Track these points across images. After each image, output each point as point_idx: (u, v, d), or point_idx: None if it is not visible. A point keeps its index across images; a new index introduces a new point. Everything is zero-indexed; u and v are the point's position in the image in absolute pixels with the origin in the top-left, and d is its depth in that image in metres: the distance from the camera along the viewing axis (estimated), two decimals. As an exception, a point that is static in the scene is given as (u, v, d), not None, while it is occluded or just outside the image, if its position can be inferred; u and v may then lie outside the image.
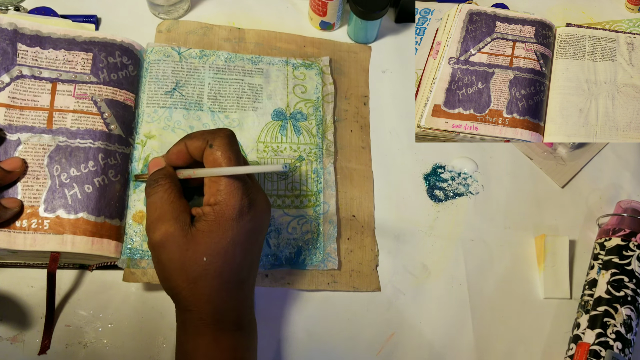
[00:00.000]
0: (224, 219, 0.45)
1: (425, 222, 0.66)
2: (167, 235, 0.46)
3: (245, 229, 0.47)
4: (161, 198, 0.47)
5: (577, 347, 0.60)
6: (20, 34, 0.57)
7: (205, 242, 0.45)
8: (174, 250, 0.46)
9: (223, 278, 0.46)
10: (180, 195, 0.48)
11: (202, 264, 0.45)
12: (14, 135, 0.54)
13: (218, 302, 0.47)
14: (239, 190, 0.46)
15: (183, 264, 0.46)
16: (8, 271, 0.57)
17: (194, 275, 0.46)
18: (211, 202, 0.46)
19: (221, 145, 0.46)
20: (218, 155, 0.46)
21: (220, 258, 0.46)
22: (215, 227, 0.45)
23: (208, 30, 0.69)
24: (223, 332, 0.47)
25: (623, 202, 0.67)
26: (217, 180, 0.46)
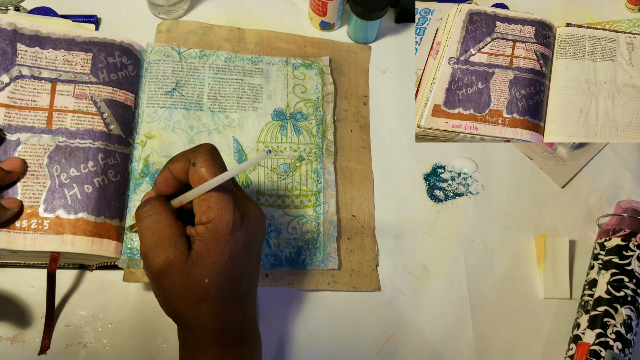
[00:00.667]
0: (220, 236, 0.44)
1: (425, 222, 0.66)
2: (169, 263, 0.44)
3: (242, 241, 0.45)
4: (156, 221, 0.45)
5: (577, 347, 0.60)
6: (20, 34, 0.57)
7: (205, 263, 0.44)
8: (175, 277, 0.44)
9: (224, 295, 0.45)
10: (174, 217, 0.46)
11: (204, 285, 0.44)
12: (14, 136, 0.54)
13: (220, 319, 0.46)
14: (230, 204, 0.44)
15: (185, 288, 0.44)
16: (8, 271, 0.57)
17: (196, 298, 0.45)
18: (203, 220, 0.44)
19: (204, 161, 0.44)
20: (203, 172, 0.44)
21: (220, 276, 0.45)
22: (212, 246, 0.44)
23: (208, 30, 0.69)
24: (226, 348, 0.46)
25: (623, 202, 0.67)
26: (207, 198, 0.44)
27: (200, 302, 0.45)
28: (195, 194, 0.45)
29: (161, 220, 0.45)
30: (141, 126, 0.61)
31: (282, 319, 0.60)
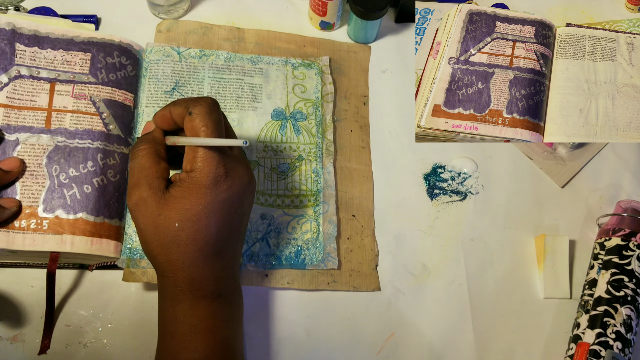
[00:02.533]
0: (198, 186, 0.45)
1: (425, 222, 0.66)
2: (140, 200, 0.46)
3: (220, 198, 0.46)
4: (139, 164, 0.48)
5: (577, 347, 0.60)
6: (19, 33, 0.57)
7: (177, 207, 0.46)
8: (147, 215, 0.46)
9: (197, 245, 0.46)
10: (157, 160, 0.48)
11: (174, 229, 0.46)
12: (13, 136, 0.54)
13: (192, 269, 0.47)
14: (215, 159, 0.45)
15: (156, 228, 0.46)
16: (8, 271, 0.57)
17: (167, 240, 0.46)
18: (187, 168, 0.46)
19: (200, 113, 0.46)
20: (196, 123, 0.46)
21: (192, 225, 0.46)
22: (187, 193, 0.45)
23: (208, 30, 0.69)
24: (200, 299, 0.47)
25: (623, 202, 0.67)
26: (195, 148, 0.46)
27: (171, 246, 0.46)
28: (185, 142, 0.47)
29: (143, 162, 0.48)
30: (141, 126, 0.61)
31: (282, 319, 0.59)
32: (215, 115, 0.47)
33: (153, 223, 0.46)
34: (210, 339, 0.47)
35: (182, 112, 0.47)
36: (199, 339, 0.47)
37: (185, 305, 0.47)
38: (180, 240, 0.46)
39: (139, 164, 0.48)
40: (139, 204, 0.47)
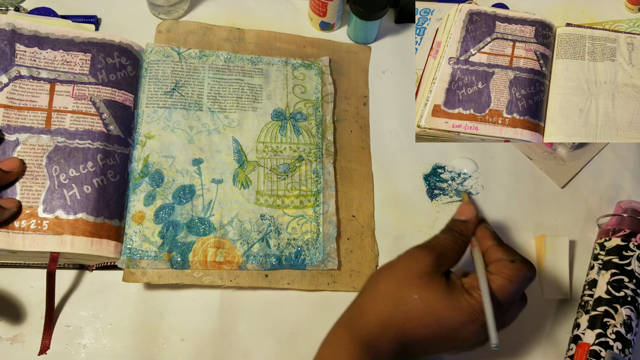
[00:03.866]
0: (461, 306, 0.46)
1: (425, 222, 0.66)
2: (419, 255, 0.48)
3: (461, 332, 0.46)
4: (444, 241, 0.50)
5: (577, 347, 0.60)
6: (19, 34, 0.58)
7: (432, 289, 0.46)
8: (409, 265, 0.48)
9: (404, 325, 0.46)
10: (460, 250, 0.50)
11: (409, 296, 0.46)
12: (13, 136, 0.54)
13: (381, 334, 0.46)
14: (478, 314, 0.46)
15: (404, 280, 0.47)
16: (8, 271, 0.57)
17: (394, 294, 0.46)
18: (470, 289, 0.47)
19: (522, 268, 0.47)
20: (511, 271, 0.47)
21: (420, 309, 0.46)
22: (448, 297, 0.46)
23: (208, 31, 0.69)
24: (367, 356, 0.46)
25: (623, 203, 0.67)
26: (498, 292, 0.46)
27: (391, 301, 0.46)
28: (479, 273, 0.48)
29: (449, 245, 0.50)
30: (141, 126, 0.61)
31: (282, 320, 0.59)
32: (526, 283, 0.48)
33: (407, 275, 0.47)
34: None
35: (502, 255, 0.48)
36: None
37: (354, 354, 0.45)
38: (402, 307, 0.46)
39: (444, 242, 0.50)
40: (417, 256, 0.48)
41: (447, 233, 0.51)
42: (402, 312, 0.46)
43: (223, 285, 0.58)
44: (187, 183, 0.60)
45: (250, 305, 0.59)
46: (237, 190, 0.61)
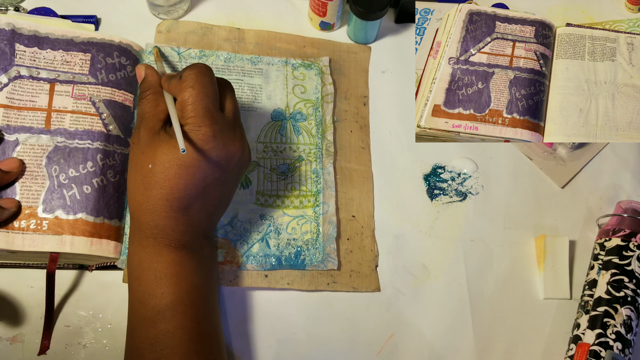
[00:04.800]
0: None
1: (425, 222, 0.66)
2: (136, 137, 0.50)
3: (198, 157, 0.47)
4: (141, 110, 0.51)
5: (577, 347, 0.60)
6: (18, 34, 0.57)
7: (157, 150, 0.47)
8: (135, 151, 0.49)
9: (161, 193, 0.47)
10: (156, 104, 0.51)
11: (147, 170, 0.47)
12: (12, 136, 0.54)
13: (155, 215, 0.48)
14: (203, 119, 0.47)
15: (135, 165, 0.49)
16: (7, 271, 0.57)
17: (139, 180, 0.48)
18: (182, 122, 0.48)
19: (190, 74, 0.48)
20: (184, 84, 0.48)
21: (162, 171, 0.47)
22: (170, 141, 0.47)
23: (208, 31, 0.69)
24: (164, 247, 0.48)
25: (623, 203, 0.67)
26: (186, 104, 0.47)
27: (140, 187, 0.48)
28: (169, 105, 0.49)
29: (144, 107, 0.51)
30: (140, 126, 0.61)
31: (282, 320, 0.59)
32: (205, 78, 0.48)
33: (135, 159, 0.48)
34: (176, 285, 0.47)
35: (176, 80, 0.49)
36: (164, 285, 0.47)
37: (149, 251, 0.48)
38: (149, 183, 0.47)
39: (141, 110, 0.51)
40: (134, 141, 0.50)
41: (139, 101, 0.52)
42: (152, 188, 0.47)
43: (223, 285, 0.58)
44: (186, 183, 0.60)
45: (250, 305, 0.59)
46: (237, 190, 0.61)
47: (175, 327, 0.46)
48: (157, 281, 0.47)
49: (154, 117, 0.50)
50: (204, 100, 0.47)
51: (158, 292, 0.47)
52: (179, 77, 0.49)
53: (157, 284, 0.47)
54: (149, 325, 0.46)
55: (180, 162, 0.46)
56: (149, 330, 0.46)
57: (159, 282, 0.47)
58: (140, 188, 0.48)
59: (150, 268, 0.47)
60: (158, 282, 0.47)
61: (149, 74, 0.53)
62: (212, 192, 0.50)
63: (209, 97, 0.48)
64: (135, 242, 0.49)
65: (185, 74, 0.48)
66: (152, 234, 0.48)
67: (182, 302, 0.47)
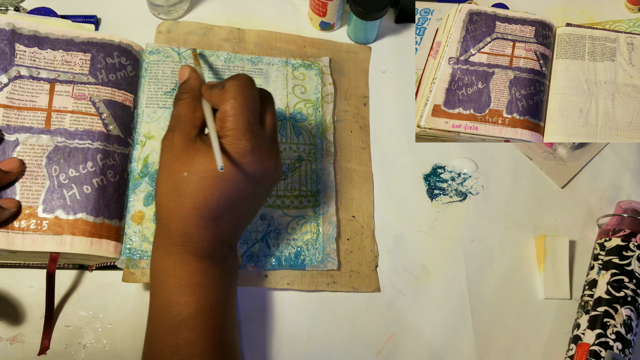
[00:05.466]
0: None
1: (425, 223, 0.66)
2: (169, 141, 0.48)
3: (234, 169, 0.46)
4: (177, 112, 0.49)
5: (577, 347, 0.60)
6: (19, 34, 0.57)
7: (193, 158, 0.46)
8: (168, 156, 0.48)
9: (195, 202, 0.46)
10: (193, 109, 0.49)
11: (182, 177, 0.46)
12: (12, 136, 0.54)
13: (185, 224, 0.47)
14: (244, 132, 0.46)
15: (169, 171, 0.47)
16: (7, 271, 0.57)
17: (172, 186, 0.47)
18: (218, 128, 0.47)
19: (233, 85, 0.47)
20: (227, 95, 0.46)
21: (198, 180, 0.46)
22: (207, 151, 0.46)
23: (208, 31, 0.69)
24: (190, 255, 0.47)
25: (623, 203, 0.67)
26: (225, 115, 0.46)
27: (173, 194, 0.47)
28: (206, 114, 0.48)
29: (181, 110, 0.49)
30: (141, 126, 0.61)
31: (282, 320, 0.59)
32: (248, 90, 0.47)
33: (169, 165, 0.47)
34: (200, 295, 0.47)
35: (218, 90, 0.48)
36: (188, 293, 0.46)
37: (176, 259, 0.47)
38: (182, 191, 0.46)
39: (177, 112, 0.49)
40: (167, 143, 0.48)
41: (177, 102, 0.50)
42: (185, 196, 0.46)
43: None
44: (187, 183, 0.60)
45: (250, 305, 0.59)
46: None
47: (197, 337, 0.46)
48: (181, 289, 0.47)
49: (191, 122, 0.49)
50: (245, 114, 0.46)
51: (182, 300, 0.46)
52: (221, 86, 0.47)
53: (181, 292, 0.46)
54: (171, 333, 0.46)
55: (217, 174, 0.46)
56: (171, 338, 0.46)
57: (183, 290, 0.46)
58: (172, 195, 0.47)
59: (175, 275, 0.47)
60: (182, 290, 0.46)
61: (192, 77, 0.52)
62: (243, 204, 0.49)
63: (251, 111, 0.47)
64: (161, 248, 0.48)
65: (228, 85, 0.47)
66: (180, 242, 0.47)
67: (205, 312, 0.47)
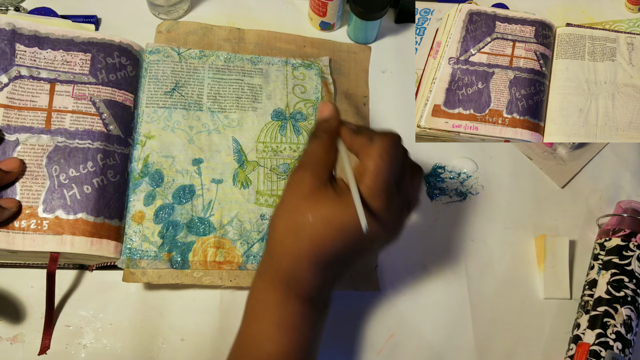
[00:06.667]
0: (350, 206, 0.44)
1: (425, 222, 0.66)
2: (299, 178, 0.46)
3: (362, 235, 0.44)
4: (312, 150, 0.47)
5: (577, 347, 0.60)
6: (19, 34, 0.58)
7: (322, 205, 0.44)
8: (295, 193, 0.46)
9: (311, 247, 0.45)
10: (329, 151, 0.47)
11: (305, 220, 0.44)
12: (13, 136, 0.54)
13: (296, 264, 0.46)
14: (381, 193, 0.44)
15: (293, 208, 0.45)
16: (8, 271, 0.57)
17: (292, 225, 0.45)
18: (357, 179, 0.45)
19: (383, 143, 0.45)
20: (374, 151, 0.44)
21: (321, 228, 0.44)
22: (338, 201, 0.44)
23: (208, 31, 0.69)
24: (293, 296, 0.46)
25: (623, 203, 0.67)
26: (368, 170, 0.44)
27: (291, 233, 0.45)
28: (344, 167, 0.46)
29: (317, 150, 0.47)
30: (141, 126, 0.61)
31: (282, 319, 0.59)
32: (396, 152, 0.45)
33: (294, 202, 0.46)
34: (294, 337, 0.46)
35: (365, 141, 0.46)
36: (284, 333, 0.46)
37: (279, 295, 0.46)
38: (302, 234, 0.45)
39: (311, 150, 0.47)
40: (296, 180, 0.46)
41: (314, 139, 0.48)
42: (304, 239, 0.45)
43: (223, 285, 0.58)
44: (187, 183, 0.60)
45: (250, 305, 0.59)
46: (237, 190, 0.61)
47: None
48: (277, 327, 0.46)
49: (325, 165, 0.47)
50: (388, 175, 0.44)
51: (275, 338, 0.45)
52: (368, 138, 0.45)
53: (276, 330, 0.46)
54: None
55: (342, 227, 0.44)
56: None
57: (279, 328, 0.46)
58: (291, 234, 0.45)
59: (275, 312, 0.46)
60: (278, 329, 0.46)
61: (333, 117, 0.49)
62: (353, 258, 0.48)
63: (394, 174, 0.45)
64: (266, 280, 0.47)
65: (377, 140, 0.45)
66: (287, 280, 0.46)
67: (295, 355, 0.46)
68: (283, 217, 0.46)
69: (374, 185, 0.44)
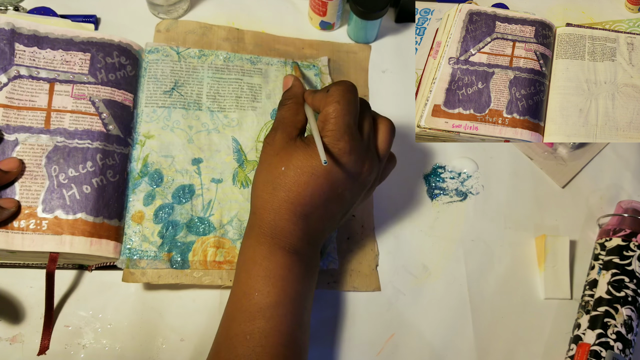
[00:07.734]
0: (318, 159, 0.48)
1: (425, 222, 0.66)
2: (271, 139, 0.51)
3: (330, 170, 0.48)
4: (281, 115, 0.53)
5: (578, 347, 0.60)
6: (18, 33, 0.57)
7: (292, 155, 0.49)
8: (268, 152, 0.51)
9: (288, 196, 0.48)
10: (296, 113, 0.53)
11: (279, 172, 0.49)
12: (12, 136, 0.54)
13: (277, 217, 0.49)
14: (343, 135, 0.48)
15: (268, 165, 0.50)
16: (7, 271, 0.57)
17: (268, 179, 0.49)
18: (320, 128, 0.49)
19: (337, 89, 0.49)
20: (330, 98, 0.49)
21: (293, 175, 0.48)
22: (305, 150, 0.48)
23: (207, 30, 0.69)
24: (278, 248, 0.49)
25: (624, 202, 0.67)
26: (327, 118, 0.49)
27: (268, 186, 0.49)
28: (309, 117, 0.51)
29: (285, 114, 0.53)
30: (140, 126, 0.61)
31: (282, 320, 0.59)
32: (351, 95, 0.49)
33: (268, 159, 0.50)
34: (282, 287, 0.48)
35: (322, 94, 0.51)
36: (272, 284, 0.48)
37: (264, 249, 0.49)
38: (278, 184, 0.48)
39: (280, 115, 0.53)
40: (268, 142, 0.51)
41: (281, 107, 0.54)
42: (280, 188, 0.49)
43: (223, 285, 0.58)
44: (186, 183, 0.60)
45: (250, 305, 0.59)
46: (236, 190, 0.61)
47: (272, 328, 0.47)
48: (265, 279, 0.48)
49: (292, 124, 0.52)
50: (347, 117, 0.48)
51: (264, 290, 0.48)
52: (325, 91, 0.50)
53: (264, 282, 0.48)
54: (248, 320, 0.47)
55: (313, 171, 0.48)
56: (247, 325, 0.47)
57: (267, 280, 0.48)
58: (268, 187, 0.49)
59: (262, 265, 0.49)
60: (266, 280, 0.48)
61: (295, 85, 0.55)
62: (332, 205, 0.51)
63: (352, 115, 0.49)
64: (252, 237, 0.50)
65: (332, 89, 0.50)
66: (270, 233, 0.49)
67: (284, 305, 0.48)
68: (260, 174, 0.51)
69: (335, 128, 0.48)
